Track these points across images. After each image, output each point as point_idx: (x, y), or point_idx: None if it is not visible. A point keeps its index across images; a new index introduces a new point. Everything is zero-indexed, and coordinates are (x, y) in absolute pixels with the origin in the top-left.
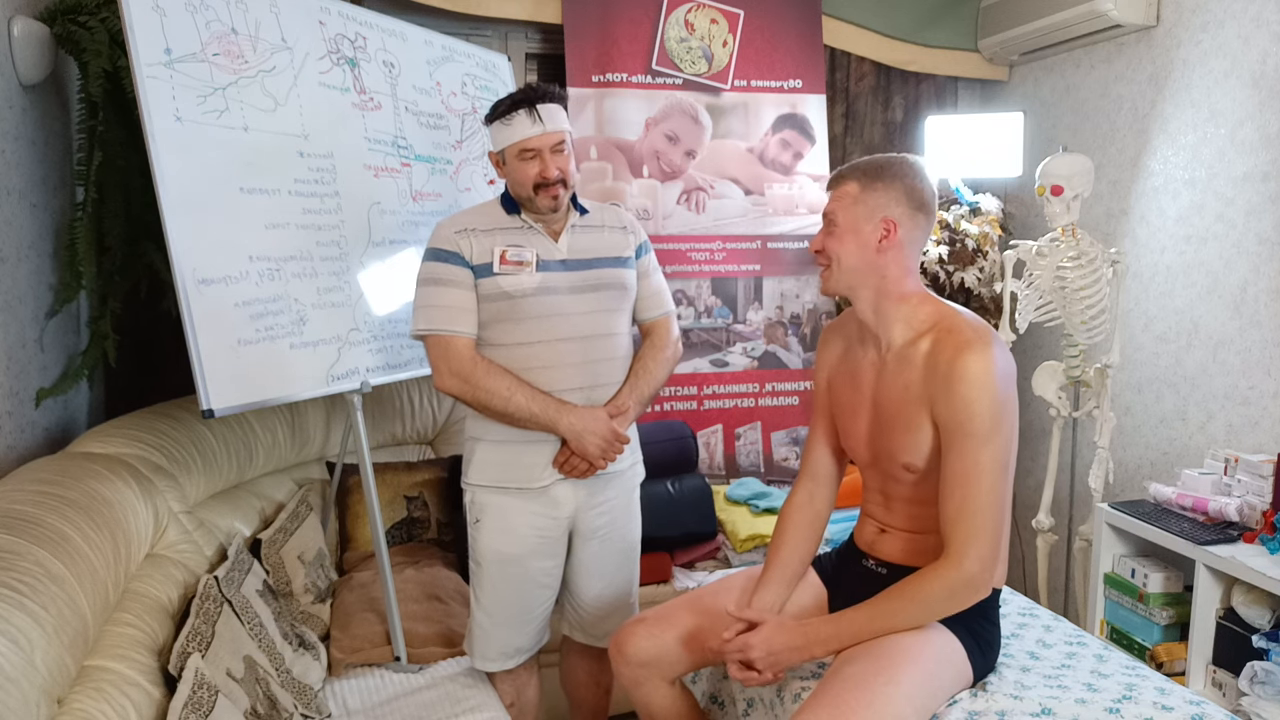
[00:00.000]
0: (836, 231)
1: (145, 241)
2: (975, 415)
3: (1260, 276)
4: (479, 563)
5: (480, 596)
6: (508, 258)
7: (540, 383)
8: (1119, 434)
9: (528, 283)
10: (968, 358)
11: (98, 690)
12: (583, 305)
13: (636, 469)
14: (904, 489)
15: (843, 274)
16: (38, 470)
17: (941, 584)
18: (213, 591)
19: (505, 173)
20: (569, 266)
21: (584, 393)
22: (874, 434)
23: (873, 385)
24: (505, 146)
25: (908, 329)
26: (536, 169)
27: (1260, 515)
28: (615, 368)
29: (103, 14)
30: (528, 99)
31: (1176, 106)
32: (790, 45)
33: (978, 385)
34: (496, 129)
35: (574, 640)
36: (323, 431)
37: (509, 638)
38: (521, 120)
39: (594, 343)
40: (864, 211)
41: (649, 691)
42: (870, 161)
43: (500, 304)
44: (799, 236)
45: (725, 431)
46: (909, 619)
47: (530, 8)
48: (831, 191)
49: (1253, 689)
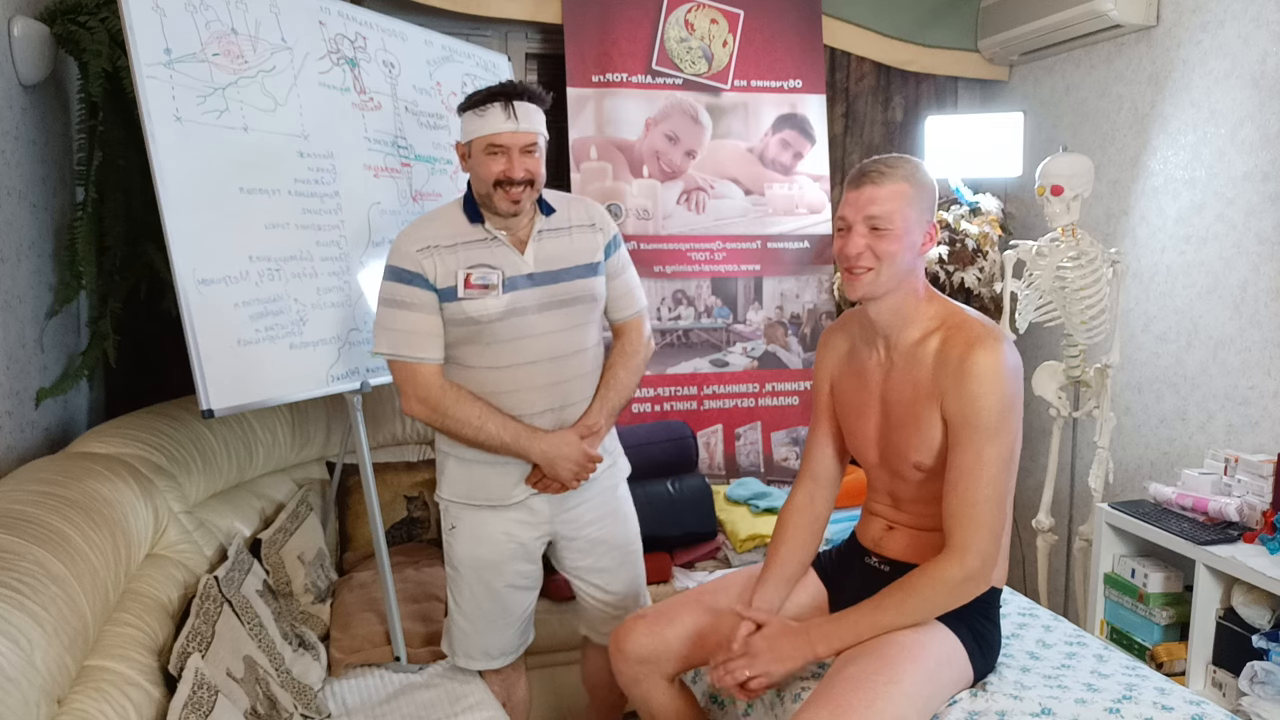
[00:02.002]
0: (893, 233)
1: (145, 241)
2: (983, 410)
3: (1260, 276)
4: (455, 568)
5: (459, 601)
6: (472, 281)
7: (509, 406)
8: (1119, 434)
9: (494, 306)
10: (978, 353)
11: (98, 690)
12: (551, 323)
13: (616, 469)
14: (912, 488)
15: (889, 277)
16: (38, 470)
17: (942, 579)
18: (213, 591)
19: (468, 166)
20: (536, 281)
21: (554, 414)
22: (883, 434)
23: (881, 385)
24: (473, 138)
25: (919, 328)
26: (501, 166)
27: (1260, 515)
28: (585, 384)
29: (103, 14)
30: (505, 93)
31: (1176, 106)
32: (790, 45)
33: (987, 381)
34: (468, 119)
35: (591, 639)
36: (323, 431)
37: (489, 639)
38: (495, 114)
39: (563, 362)
40: (916, 214)
41: (648, 689)
42: (905, 161)
43: (466, 328)
44: (799, 236)
45: (725, 431)
46: (910, 615)
47: (530, 8)
48: (869, 189)
49: (1253, 689)
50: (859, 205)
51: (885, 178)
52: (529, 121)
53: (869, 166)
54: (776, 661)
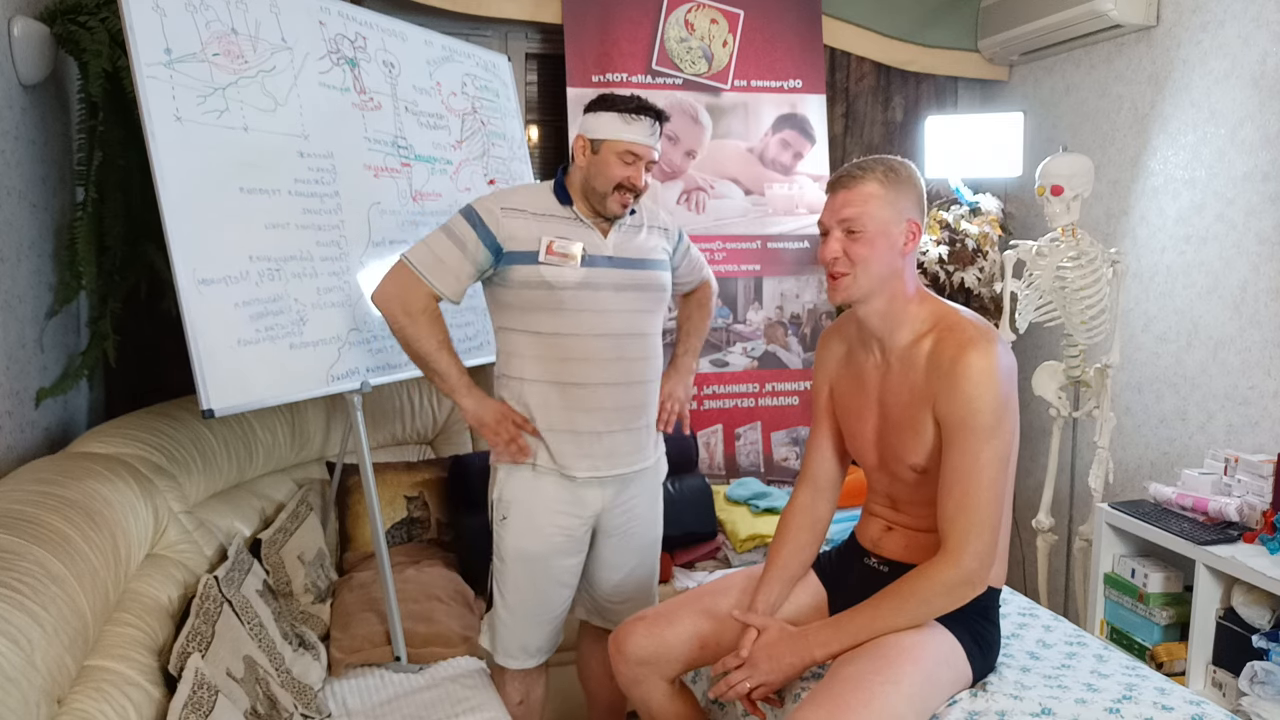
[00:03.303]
0: (865, 236)
1: (145, 241)
2: (977, 412)
3: (1260, 276)
4: (503, 559)
5: (504, 593)
6: (554, 249)
7: (572, 374)
8: (1119, 434)
9: (571, 276)
10: (970, 355)
11: (98, 690)
12: (623, 303)
13: (661, 464)
14: (910, 489)
15: (868, 280)
16: (38, 470)
17: (939, 581)
18: (213, 591)
19: (590, 161)
20: (615, 264)
21: (610, 390)
22: (881, 436)
23: (878, 388)
24: (610, 139)
25: (910, 330)
26: (630, 173)
27: (1260, 515)
28: (646, 368)
29: (103, 14)
30: (656, 111)
31: (1176, 106)
32: (790, 45)
33: (981, 382)
34: (609, 120)
35: (590, 626)
36: (323, 431)
37: (529, 635)
38: (643, 126)
39: (628, 341)
40: (892, 214)
41: (647, 690)
42: (880, 161)
43: (539, 292)
44: (799, 236)
45: (725, 431)
46: (907, 617)
47: (530, 8)
48: (842, 193)
49: (1253, 689)
50: (834, 209)
51: (856, 181)
52: (659, 143)
53: (843, 171)
54: (776, 671)
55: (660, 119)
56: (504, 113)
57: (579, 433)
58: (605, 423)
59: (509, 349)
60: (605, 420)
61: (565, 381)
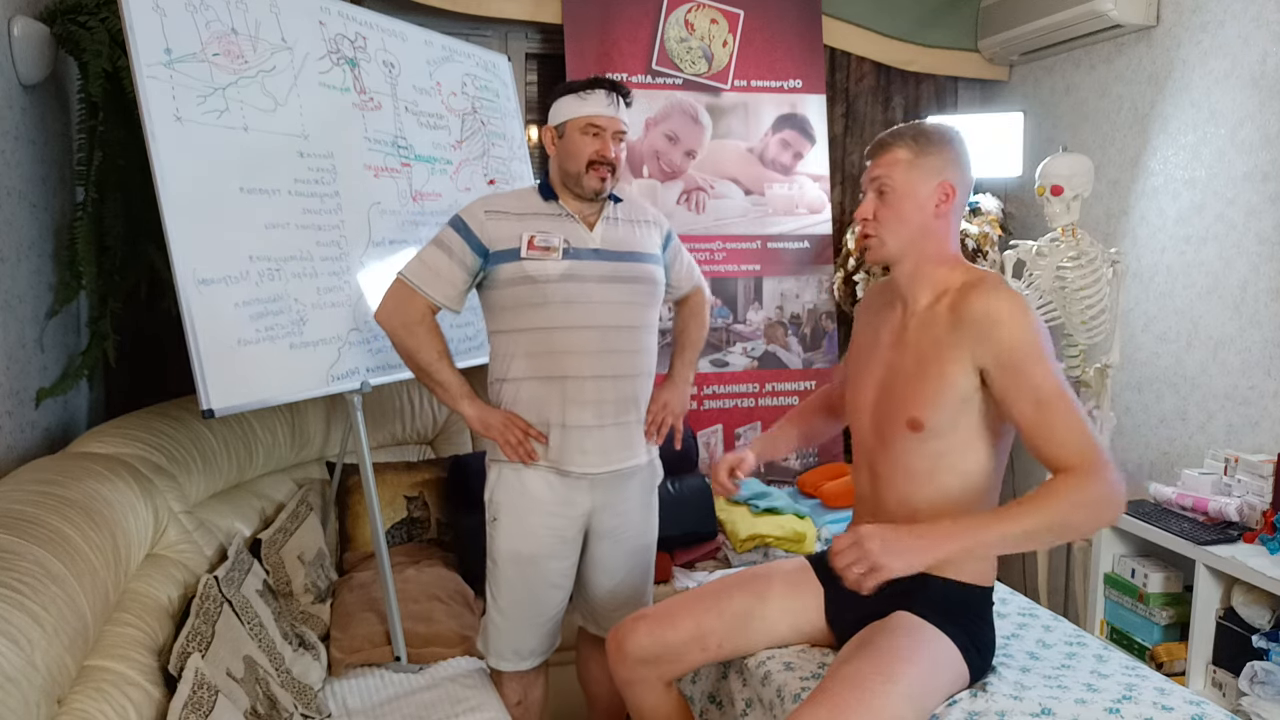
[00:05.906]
0: (891, 197)
1: (145, 241)
2: (1023, 343)
3: (1260, 276)
4: (495, 561)
5: (496, 595)
6: (535, 243)
7: (561, 367)
8: (1119, 434)
9: (552, 269)
10: (993, 300)
11: (98, 690)
12: (610, 295)
13: (655, 465)
14: (893, 455)
15: (895, 240)
16: (38, 470)
17: (1088, 500)
18: (213, 591)
19: (559, 147)
20: (602, 256)
21: (598, 383)
22: (885, 387)
23: (891, 344)
24: (571, 119)
25: (932, 291)
26: (597, 146)
27: (1260, 515)
28: (637, 361)
29: (103, 14)
30: (609, 84)
31: (1176, 106)
32: (790, 45)
33: (1014, 320)
34: (567, 102)
35: (588, 632)
36: (323, 431)
37: (523, 638)
38: (599, 98)
39: (617, 333)
40: (919, 175)
41: (643, 693)
42: (913, 127)
43: (523, 288)
44: (799, 236)
45: (725, 431)
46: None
47: (530, 8)
48: (876, 159)
49: (1253, 689)
50: (869, 173)
51: (886, 148)
52: (624, 112)
53: (878, 137)
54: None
55: (617, 90)
56: (504, 113)
57: (569, 427)
58: (596, 416)
59: (500, 351)
60: (596, 414)
61: (554, 375)
